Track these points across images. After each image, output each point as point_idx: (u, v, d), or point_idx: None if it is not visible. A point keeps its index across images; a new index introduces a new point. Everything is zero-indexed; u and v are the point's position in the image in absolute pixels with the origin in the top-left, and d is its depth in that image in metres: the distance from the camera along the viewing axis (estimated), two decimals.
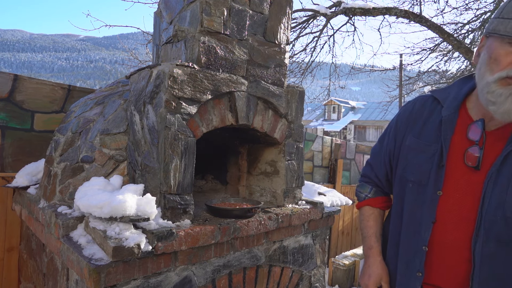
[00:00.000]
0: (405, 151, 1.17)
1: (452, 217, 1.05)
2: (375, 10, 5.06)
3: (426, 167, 1.09)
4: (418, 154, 1.12)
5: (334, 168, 4.79)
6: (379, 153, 1.31)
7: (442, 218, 1.06)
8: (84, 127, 1.95)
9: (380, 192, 1.34)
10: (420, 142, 1.13)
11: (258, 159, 2.35)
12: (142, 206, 1.40)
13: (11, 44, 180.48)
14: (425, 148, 1.11)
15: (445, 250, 1.06)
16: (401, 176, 1.18)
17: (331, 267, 3.92)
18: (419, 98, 1.21)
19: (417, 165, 1.12)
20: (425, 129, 1.13)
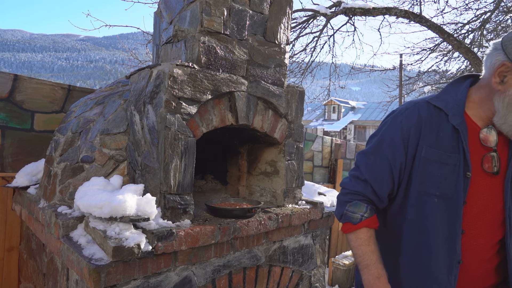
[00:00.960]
0: (422, 163, 1.09)
1: (478, 225, 1.06)
2: (375, 10, 5.06)
3: (452, 179, 1.05)
4: (439, 165, 1.07)
5: (334, 168, 4.79)
6: (379, 167, 1.15)
7: (469, 227, 1.06)
8: (84, 127, 1.95)
9: (373, 210, 1.18)
10: (440, 153, 1.07)
11: (258, 159, 2.35)
12: (142, 206, 1.40)
13: (11, 44, 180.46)
14: (445, 159, 1.06)
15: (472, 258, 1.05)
16: (419, 190, 1.10)
17: (331, 267, 3.92)
18: (420, 106, 1.14)
19: (439, 177, 1.07)
20: (440, 139, 1.08)
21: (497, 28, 5.79)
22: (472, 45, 5.75)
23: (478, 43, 5.80)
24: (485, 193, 1.06)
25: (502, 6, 5.33)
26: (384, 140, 1.15)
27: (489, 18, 5.42)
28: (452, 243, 1.05)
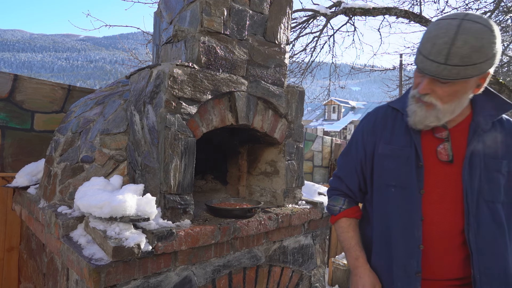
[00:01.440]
0: (379, 158, 1.24)
1: (438, 211, 1.13)
2: (375, 10, 5.06)
3: (405, 169, 1.17)
4: (393, 158, 1.20)
5: (334, 168, 4.79)
6: (348, 165, 1.34)
7: (429, 214, 1.13)
8: (84, 127, 1.95)
9: (352, 202, 1.37)
10: (393, 147, 1.21)
11: (258, 159, 2.35)
12: (142, 206, 1.40)
13: (11, 44, 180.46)
14: (398, 153, 1.19)
15: (436, 244, 1.13)
16: (379, 182, 1.25)
17: (331, 267, 3.92)
18: (379, 109, 1.32)
19: (396, 169, 1.19)
20: (394, 135, 1.22)
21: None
22: None
23: None
24: (443, 182, 1.13)
25: (502, 6, 5.33)
26: (351, 142, 1.36)
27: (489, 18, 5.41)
28: (412, 229, 1.14)
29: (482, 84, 1.08)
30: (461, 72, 0.99)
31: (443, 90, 1.05)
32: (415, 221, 1.14)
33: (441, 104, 1.07)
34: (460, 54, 0.98)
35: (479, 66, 0.99)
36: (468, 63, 0.98)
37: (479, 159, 1.10)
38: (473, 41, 0.97)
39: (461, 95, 1.07)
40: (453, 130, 1.16)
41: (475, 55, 0.98)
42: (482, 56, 0.98)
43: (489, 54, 0.99)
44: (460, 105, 1.09)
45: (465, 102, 1.09)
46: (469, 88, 1.06)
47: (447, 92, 1.05)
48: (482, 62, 0.99)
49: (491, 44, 0.99)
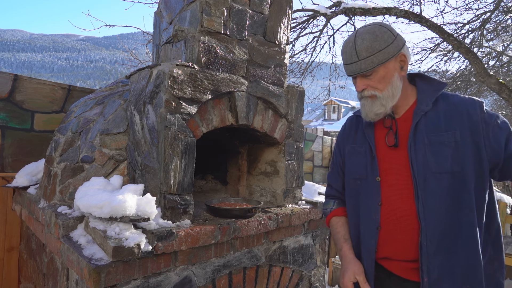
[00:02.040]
0: (347, 157, 1.44)
1: (393, 194, 1.25)
2: (375, 10, 5.05)
3: (363, 162, 1.34)
4: (355, 155, 1.39)
5: None
6: (333, 171, 1.54)
7: (386, 198, 1.26)
8: (84, 127, 1.95)
9: (342, 203, 1.51)
10: (355, 146, 1.40)
11: (258, 159, 2.35)
12: (142, 206, 1.40)
13: (11, 44, 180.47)
14: (358, 149, 1.38)
15: (392, 224, 1.24)
16: (348, 178, 1.42)
17: (331, 267, 3.92)
18: (348, 119, 1.51)
19: (357, 164, 1.37)
20: (356, 137, 1.42)
21: (497, 28, 5.79)
22: (472, 45, 5.74)
23: (478, 43, 5.79)
24: (395, 167, 1.26)
25: (502, 6, 5.32)
26: (334, 151, 1.57)
27: (489, 18, 5.42)
28: (372, 213, 1.27)
29: (404, 66, 1.25)
30: (374, 60, 1.21)
31: (373, 81, 1.25)
32: (374, 205, 1.27)
33: (380, 92, 1.25)
34: (364, 48, 1.21)
35: (385, 50, 1.20)
36: (374, 51, 1.20)
37: (422, 136, 1.21)
38: (368, 36, 1.22)
39: (389, 79, 1.23)
40: (402, 117, 1.30)
41: (375, 44, 1.20)
42: (382, 43, 1.20)
43: (388, 40, 1.21)
44: (395, 88, 1.24)
45: (398, 84, 1.24)
46: (393, 71, 1.23)
47: (377, 80, 1.24)
48: (386, 47, 1.20)
49: (384, 33, 1.21)
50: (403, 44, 1.24)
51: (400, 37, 1.24)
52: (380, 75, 1.23)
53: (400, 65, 1.25)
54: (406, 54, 1.25)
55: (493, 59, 6.44)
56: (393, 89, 1.24)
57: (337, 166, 1.51)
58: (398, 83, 1.25)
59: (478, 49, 6.04)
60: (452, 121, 1.21)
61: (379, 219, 1.26)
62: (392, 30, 1.24)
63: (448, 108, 1.24)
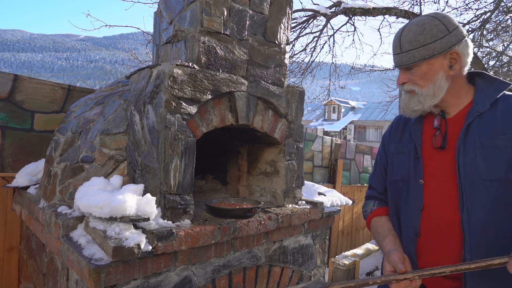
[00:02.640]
0: (390, 157, 1.35)
1: (436, 199, 1.16)
2: (375, 10, 5.05)
3: (406, 163, 1.26)
4: (399, 155, 1.30)
5: (334, 168, 4.79)
6: (375, 172, 1.46)
7: (428, 203, 1.17)
8: (84, 127, 1.95)
9: (383, 203, 1.42)
10: (399, 145, 1.32)
11: (258, 159, 2.35)
12: (142, 206, 1.40)
13: (11, 44, 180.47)
14: (403, 149, 1.29)
15: (433, 233, 1.15)
16: (391, 180, 1.33)
17: (331, 267, 3.92)
18: (397, 117, 1.44)
19: (400, 164, 1.28)
20: (403, 136, 1.33)
21: (497, 28, 5.79)
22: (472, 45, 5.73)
23: (478, 43, 5.79)
24: (441, 169, 1.17)
25: (502, 6, 5.32)
26: (378, 151, 1.49)
27: (489, 18, 5.42)
28: (412, 219, 1.19)
29: (455, 65, 1.14)
30: (416, 54, 1.14)
31: (413, 75, 1.18)
32: (415, 210, 1.18)
33: (419, 89, 1.18)
34: (408, 40, 1.15)
35: (430, 46, 1.12)
36: (417, 45, 1.13)
37: (474, 139, 1.11)
38: (414, 28, 1.15)
39: (431, 76, 1.15)
40: (453, 118, 1.20)
41: (420, 37, 1.13)
42: (428, 37, 1.12)
43: (437, 34, 1.12)
44: (438, 87, 1.16)
45: (442, 83, 1.15)
46: (438, 69, 1.15)
47: (418, 76, 1.17)
48: (432, 42, 1.12)
49: (434, 26, 1.12)
50: (459, 40, 1.13)
51: (457, 32, 1.13)
52: (422, 71, 1.16)
53: (449, 63, 1.14)
54: (460, 52, 1.13)
55: (493, 59, 6.44)
56: (434, 88, 1.16)
57: (380, 166, 1.42)
58: (443, 82, 1.16)
59: (478, 49, 6.04)
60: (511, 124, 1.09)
61: (419, 226, 1.17)
62: (449, 23, 1.13)
63: (508, 110, 1.11)
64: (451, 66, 1.15)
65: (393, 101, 9.04)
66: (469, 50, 1.16)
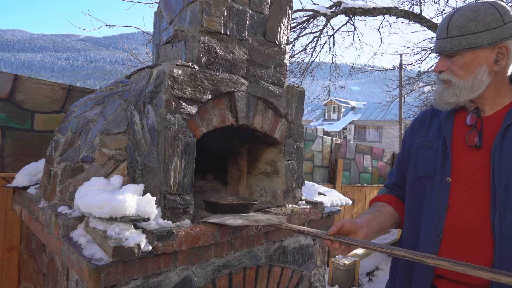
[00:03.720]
0: (414, 152, 1.26)
1: (464, 199, 1.08)
2: (375, 10, 5.06)
3: (433, 159, 1.17)
4: (425, 150, 1.21)
5: (334, 168, 4.79)
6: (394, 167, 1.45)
7: (455, 202, 1.10)
8: (84, 127, 1.95)
9: (393, 192, 1.41)
10: (426, 140, 1.23)
11: (258, 159, 2.35)
12: (142, 206, 1.40)
13: (11, 44, 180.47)
14: (430, 144, 1.20)
15: (458, 235, 1.07)
16: (414, 177, 1.25)
17: (331, 267, 3.92)
18: (421, 112, 1.36)
19: (425, 160, 1.20)
20: (429, 130, 1.25)
21: None
22: None
23: None
24: (471, 169, 1.10)
25: None
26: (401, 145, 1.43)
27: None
28: (436, 218, 1.12)
29: (501, 60, 1.06)
30: (462, 42, 1.05)
31: (453, 64, 1.09)
32: (439, 209, 1.11)
33: (457, 80, 1.09)
34: (457, 25, 1.06)
35: (480, 34, 1.03)
36: (465, 32, 1.05)
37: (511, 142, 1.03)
38: (467, 12, 1.05)
39: (473, 68, 1.07)
40: (489, 117, 1.12)
41: (472, 24, 1.04)
42: (480, 24, 1.03)
43: (490, 23, 1.02)
44: (478, 82, 1.07)
45: (483, 78, 1.07)
46: (481, 62, 1.06)
47: (458, 65, 1.08)
48: (483, 31, 1.03)
49: (489, 14, 1.03)
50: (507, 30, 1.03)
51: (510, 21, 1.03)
52: (464, 60, 1.07)
53: (496, 57, 1.06)
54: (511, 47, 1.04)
55: None
56: (474, 82, 1.07)
57: (399, 161, 1.38)
58: (484, 77, 1.07)
59: None
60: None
61: (443, 226, 1.09)
62: (505, 14, 1.03)
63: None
64: (497, 61, 1.06)
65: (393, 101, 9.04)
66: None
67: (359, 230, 1.19)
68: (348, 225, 1.19)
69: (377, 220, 1.28)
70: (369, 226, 1.23)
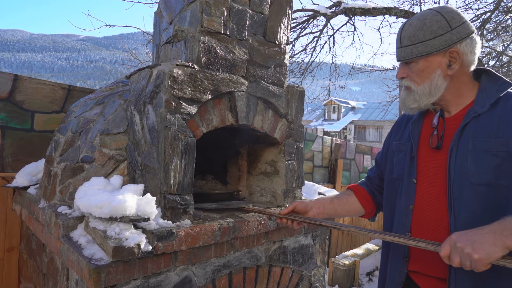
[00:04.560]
0: (391, 154, 1.34)
1: (427, 200, 1.15)
2: (375, 10, 5.06)
3: (403, 162, 1.25)
4: (399, 153, 1.29)
5: (334, 168, 4.79)
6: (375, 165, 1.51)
7: (419, 203, 1.17)
8: (84, 127, 1.95)
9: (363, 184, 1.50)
10: (400, 143, 1.31)
11: (258, 159, 2.35)
12: (142, 206, 1.39)
13: (11, 44, 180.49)
14: (402, 147, 1.28)
15: (424, 233, 1.13)
16: (390, 178, 1.32)
17: (331, 267, 3.92)
18: (400, 116, 1.43)
19: (398, 162, 1.28)
20: (404, 134, 1.32)
21: (497, 28, 5.79)
22: None
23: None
24: (433, 170, 1.16)
25: (502, 6, 5.32)
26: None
27: (489, 18, 5.42)
28: (402, 217, 1.20)
29: (454, 64, 1.10)
30: (413, 50, 1.12)
31: (411, 71, 1.16)
32: (406, 209, 1.19)
33: (416, 86, 1.15)
34: (407, 35, 1.13)
35: (428, 42, 1.09)
36: (415, 41, 1.11)
37: (468, 141, 1.07)
38: (415, 22, 1.12)
39: (428, 74, 1.12)
40: (452, 117, 1.17)
41: (419, 33, 1.10)
42: (427, 33, 1.09)
43: (437, 31, 1.08)
44: (435, 86, 1.12)
45: (439, 82, 1.12)
46: (435, 67, 1.11)
47: (415, 72, 1.15)
48: (431, 39, 1.09)
49: (435, 22, 1.09)
50: (462, 38, 1.07)
51: (461, 29, 1.08)
52: (419, 67, 1.13)
53: (448, 62, 1.10)
54: (462, 50, 1.08)
55: (493, 59, 6.44)
56: (431, 86, 1.12)
57: (377, 160, 1.47)
58: (440, 81, 1.11)
59: None
60: (508, 127, 1.03)
61: (410, 225, 1.16)
62: (452, 20, 1.08)
63: (505, 112, 1.05)
64: (450, 65, 1.11)
65: (393, 101, 9.03)
66: (474, 48, 1.10)
67: (308, 211, 1.40)
68: (299, 205, 1.42)
69: (332, 205, 1.43)
70: (319, 208, 1.40)
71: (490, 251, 0.87)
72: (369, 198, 1.46)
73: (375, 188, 1.47)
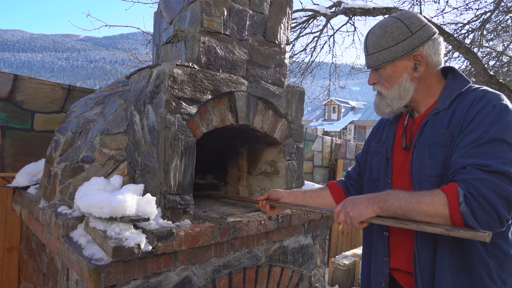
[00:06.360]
0: (370, 156, 1.38)
1: None
2: (375, 10, 5.06)
3: (380, 163, 1.30)
4: (376, 155, 1.34)
5: (334, 168, 4.79)
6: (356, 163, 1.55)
7: None
8: (84, 127, 1.95)
9: (339, 181, 1.57)
10: (378, 145, 1.35)
11: (258, 159, 2.35)
12: (142, 206, 1.39)
13: (11, 44, 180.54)
14: (379, 149, 1.33)
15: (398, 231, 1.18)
16: (370, 179, 1.36)
17: (331, 267, 3.92)
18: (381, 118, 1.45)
19: (376, 164, 1.32)
20: (381, 136, 1.36)
21: (497, 28, 5.79)
22: (472, 45, 5.74)
23: (478, 43, 5.79)
24: (403, 169, 1.21)
25: (502, 6, 5.33)
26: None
27: (489, 18, 5.42)
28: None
29: (419, 66, 1.15)
30: (379, 57, 1.16)
31: (381, 77, 1.20)
32: None
33: (386, 91, 1.20)
34: (371, 43, 1.18)
35: (391, 49, 1.14)
36: (379, 49, 1.16)
37: (427, 137, 1.12)
38: (377, 30, 1.17)
39: (396, 79, 1.17)
40: (419, 117, 1.22)
41: (382, 40, 1.15)
42: (389, 40, 1.14)
43: (398, 37, 1.13)
44: (404, 90, 1.17)
45: (407, 85, 1.16)
46: (401, 71, 1.16)
47: (384, 78, 1.19)
48: (393, 45, 1.13)
49: (395, 29, 1.13)
50: (424, 41, 1.12)
51: (422, 33, 1.12)
52: (387, 73, 1.17)
53: (414, 65, 1.15)
54: (425, 53, 1.13)
55: (493, 59, 6.44)
56: (400, 90, 1.17)
57: (357, 159, 1.51)
58: (408, 84, 1.16)
59: (478, 49, 6.04)
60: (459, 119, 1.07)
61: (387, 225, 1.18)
62: (412, 25, 1.13)
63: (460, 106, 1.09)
64: (416, 68, 1.15)
65: None
66: (438, 49, 1.15)
67: (280, 199, 1.54)
68: (273, 194, 1.57)
69: (304, 197, 1.53)
70: (291, 197, 1.52)
71: (362, 212, 1.07)
72: (342, 193, 1.53)
73: (350, 184, 1.52)
